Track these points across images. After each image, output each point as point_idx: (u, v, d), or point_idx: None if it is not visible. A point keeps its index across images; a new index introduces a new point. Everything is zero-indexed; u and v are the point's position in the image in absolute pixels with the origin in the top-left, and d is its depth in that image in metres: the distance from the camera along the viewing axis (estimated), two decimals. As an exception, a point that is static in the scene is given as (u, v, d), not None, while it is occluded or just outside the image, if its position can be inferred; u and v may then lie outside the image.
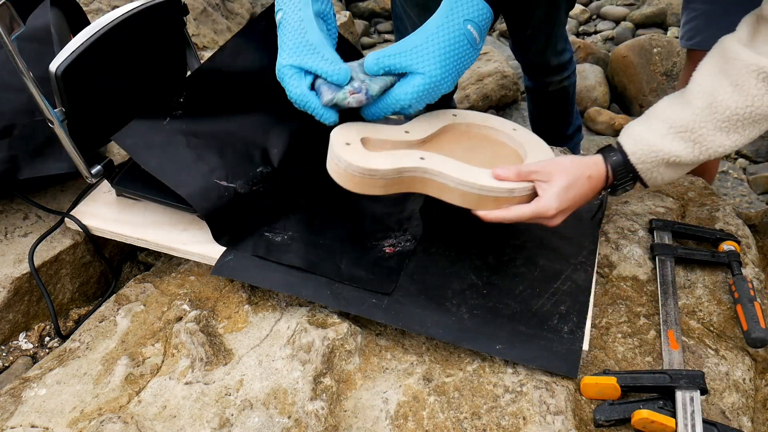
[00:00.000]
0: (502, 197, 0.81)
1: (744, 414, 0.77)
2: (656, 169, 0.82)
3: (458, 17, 0.87)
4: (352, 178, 0.81)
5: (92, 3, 2.09)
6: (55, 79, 0.80)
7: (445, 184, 0.82)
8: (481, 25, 0.88)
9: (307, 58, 0.86)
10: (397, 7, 1.47)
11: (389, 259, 0.89)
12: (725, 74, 0.77)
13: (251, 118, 0.99)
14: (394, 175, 0.82)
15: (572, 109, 1.72)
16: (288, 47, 0.88)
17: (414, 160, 0.82)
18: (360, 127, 0.88)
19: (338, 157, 0.81)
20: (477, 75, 2.45)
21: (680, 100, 0.82)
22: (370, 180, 0.81)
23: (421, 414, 0.73)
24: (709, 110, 0.78)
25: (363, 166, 0.80)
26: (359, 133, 0.86)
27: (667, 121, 0.80)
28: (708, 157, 0.80)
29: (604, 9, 3.20)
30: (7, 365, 0.88)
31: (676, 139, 0.80)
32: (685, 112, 0.80)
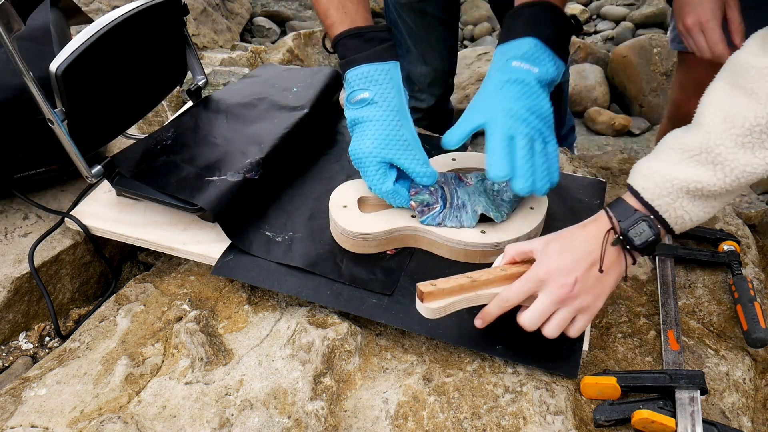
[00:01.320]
0: (488, 251, 0.86)
1: (744, 414, 0.77)
2: (678, 203, 0.69)
3: (502, 60, 0.88)
4: (347, 240, 0.88)
5: (92, 3, 2.09)
6: (55, 79, 0.80)
7: (435, 241, 0.88)
8: (528, 54, 0.86)
9: (400, 155, 0.88)
10: (391, 13, 1.47)
11: (390, 259, 0.89)
12: (738, 86, 0.67)
13: (239, 138, 1.04)
14: (386, 236, 0.88)
15: (565, 109, 1.72)
16: (379, 138, 0.87)
17: (405, 220, 0.89)
18: (359, 185, 0.93)
19: (334, 221, 0.89)
20: (477, 75, 2.45)
21: (691, 126, 0.71)
22: (363, 242, 0.88)
23: (421, 414, 0.73)
24: (723, 125, 0.66)
25: (356, 231, 0.87)
26: (357, 193, 0.92)
27: (680, 147, 0.70)
28: (737, 181, 0.67)
29: (604, 9, 3.20)
30: (7, 365, 0.88)
31: (692, 163, 0.68)
32: (698, 134, 0.69)
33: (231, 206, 0.90)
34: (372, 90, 0.89)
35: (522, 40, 0.87)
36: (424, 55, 1.48)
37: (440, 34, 1.46)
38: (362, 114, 0.89)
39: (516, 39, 0.87)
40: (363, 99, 0.89)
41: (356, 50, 0.90)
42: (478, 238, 0.86)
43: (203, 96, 1.14)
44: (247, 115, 1.09)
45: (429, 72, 1.52)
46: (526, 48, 0.87)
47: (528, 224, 0.88)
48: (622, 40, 2.86)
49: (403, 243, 0.90)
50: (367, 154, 0.87)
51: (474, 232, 0.87)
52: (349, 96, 0.90)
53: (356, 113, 0.89)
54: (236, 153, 0.98)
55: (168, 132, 1.02)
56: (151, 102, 1.05)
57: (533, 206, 0.90)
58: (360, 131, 0.89)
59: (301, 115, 1.08)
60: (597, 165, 1.19)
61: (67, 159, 0.87)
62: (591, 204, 1.00)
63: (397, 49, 1.55)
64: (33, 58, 0.82)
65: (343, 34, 0.90)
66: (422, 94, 1.58)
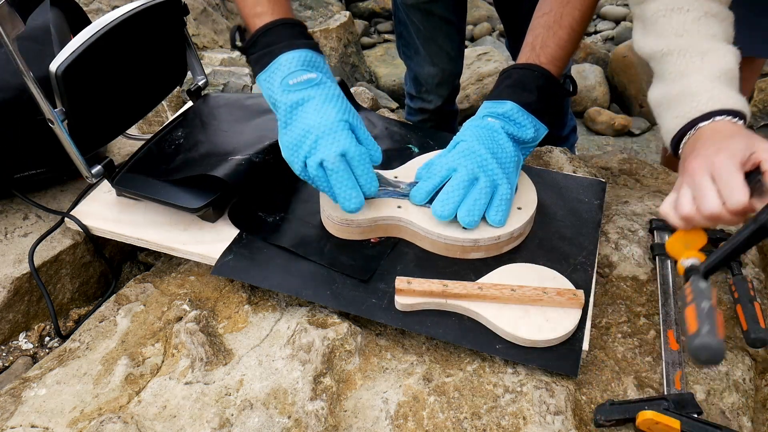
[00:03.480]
0: (468, 246, 0.87)
1: (744, 414, 0.77)
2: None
3: (480, 115, 0.93)
4: (333, 225, 0.90)
5: (92, 3, 2.09)
6: (55, 79, 0.80)
7: (417, 233, 0.89)
8: (505, 116, 0.90)
9: (359, 125, 0.87)
10: (400, 12, 1.47)
11: (372, 247, 0.90)
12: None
13: (247, 128, 1.05)
14: (370, 224, 0.89)
15: (567, 109, 1.73)
16: (341, 108, 0.85)
17: (390, 210, 0.90)
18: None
19: (321, 206, 0.91)
20: (477, 75, 2.45)
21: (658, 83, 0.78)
22: (348, 228, 0.90)
23: (421, 414, 0.73)
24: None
25: (340, 217, 0.88)
26: None
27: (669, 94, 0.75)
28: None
29: (604, 9, 3.20)
30: (7, 365, 0.88)
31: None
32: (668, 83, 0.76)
33: (246, 182, 0.92)
34: (317, 73, 0.87)
35: (503, 103, 0.91)
36: (432, 55, 1.48)
37: (447, 35, 1.46)
38: (309, 94, 0.85)
39: (498, 100, 0.92)
40: (310, 79, 0.86)
41: (293, 37, 0.88)
42: (459, 233, 0.87)
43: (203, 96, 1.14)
44: (250, 107, 1.10)
45: (437, 73, 1.52)
46: (504, 110, 0.91)
47: (512, 223, 0.88)
48: (622, 40, 2.86)
49: (387, 232, 0.91)
50: (338, 120, 0.84)
51: (456, 227, 0.87)
52: (286, 78, 0.86)
53: (300, 94, 0.85)
54: (250, 139, 1.00)
55: (178, 131, 1.04)
56: (151, 102, 1.05)
57: (521, 207, 0.91)
58: (311, 108, 0.84)
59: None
60: (597, 165, 1.19)
61: (67, 159, 0.87)
62: (591, 204, 1.00)
63: (406, 50, 1.56)
64: (33, 58, 0.82)
65: (278, 22, 0.88)
66: (429, 95, 1.58)
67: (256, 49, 0.89)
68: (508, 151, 0.89)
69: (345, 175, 0.82)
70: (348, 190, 0.83)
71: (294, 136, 0.84)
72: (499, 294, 0.80)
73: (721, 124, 0.71)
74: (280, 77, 0.86)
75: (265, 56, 0.88)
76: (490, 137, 0.89)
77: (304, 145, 0.83)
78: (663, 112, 0.77)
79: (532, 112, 0.90)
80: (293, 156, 0.85)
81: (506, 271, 0.86)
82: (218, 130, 1.05)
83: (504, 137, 0.89)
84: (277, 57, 0.86)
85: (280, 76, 0.86)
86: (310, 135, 0.83)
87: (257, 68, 0.89)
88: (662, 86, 0.78)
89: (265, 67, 0.87)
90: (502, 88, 0.93)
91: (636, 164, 1.19)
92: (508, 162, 0.89)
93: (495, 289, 0.81)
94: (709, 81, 0.73)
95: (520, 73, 0.93)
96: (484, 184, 0.86)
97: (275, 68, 0.87)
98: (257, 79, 0.89)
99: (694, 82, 0.73)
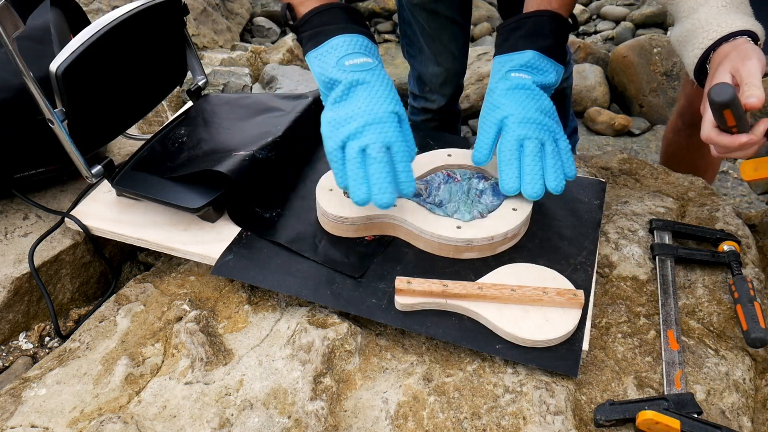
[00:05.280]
0: (461, 246, 0.87)
1: (744, 414, 0.77)
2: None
3: (502, 71, 0.93)
4: (328, 222, 0.91)
5: (92, 3, 2.09)
6: (55, 79, 0.80)
7: (411, 231, 0.90)
8: (527, 65, 0.92)
9: (405, 117, 0.86)
10: (405, 12, 1.47)
11: (366, 245, 0.90)
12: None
13: (250, 125, 1.05)
14: (364, 222, 0.90)
15: (569, 111, 1.72)
16: (392, 98, 0.85)
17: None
18: None
19: (317, 202, 0.91)
20: (477, 75, 2.45)
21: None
22: (342, 225, 0.90)
23: (421, 414, 0.73)
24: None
25: (334, 214, 0.89)
26: None
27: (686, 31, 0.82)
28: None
29: (604, 9, 3.20)
30: (7, 365, 0.88)
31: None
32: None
33: (249, 178, 0.93)
34: (373, 59, 0.87)
35: (522, 53, 0.92)
36: (437, 55, 1.48)
37: (452, 35, 1.46)
38: (365, 77, 0.85)
39: (514, 52, 0.93)
40: (366, 63, 0.86)
41: (348, 21, 0.88)
42: (453, 233, 0.87)
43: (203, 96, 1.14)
44: (252, 106, 1.10)
45: (441, 72, 1.52)
46: (525, 60, 0.92)
47: (506, 224, 0.89)
48: (622, 40, 2.86)
49: (382, 231, 0.92)
50: (390, 111, 0.83)
51: (450, 226, 0.88)
52: (343, 58, 0.85)
53: (358, 75, 0.85)
54: (252, 136, 1.01)
55: (180, 130, 1.04)
56: (151, 102, 1.05)
57: (516, 208, 0.91)
58: (365, 92, 0.84)
59: (307, 103, 1.10)
60: (597, 165, 1.19)
61: (67, 159, 0.87)
62: (591, 204, 1.00)
63: (410, 49, 1.56)
64: (33, 58, 0.82)
65: (330, 5, 0.88)
66: (433, 95, 1.58)
67: (309, 27, 0.89)
68: (548, 103, 0.91)
69: (385, 167, 0.81)
70: (385, 183, 0.81)
71: (341, 114, 0.83)
72: (499, 294, 0.80)
73: (728, 47, 0.78)
74: (336, 57, 0.86)
75: (319, 34, 0.88)
76: (530, 97, 0.90)
77: (348, 126, 0.82)
78: (682, 50, 0.84)
79: (550, 56, 0.92)
80: (333, 132, 0.83)
81: (506, 271, 0.86)
82: (220, 127, 1.05)
83: (538, 91, 0.91)
84: (333, 37, 0.86)
85: (336, 55, 0.86)
86: (359, 118, 0.82)
87: (309, 45, 0.88)
88: (678, 26, 0.84)
89: (319, 44, 0.87)
90: (516, 38, 0.94)
91: (636, 164, 1.19)
92: (553, 111, 0.91)
93: (495, 289, 0.81)
94: (715, 11, 0.80)
95: (534, 21, 0.93)
96: (550, 147, 0.88)
97: (330, 47, 0.87)
98: (307, 55, 0.89)
99: (702, 16, 0.81)
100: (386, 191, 0.80)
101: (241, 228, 0.92)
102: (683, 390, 0.77)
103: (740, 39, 0.78)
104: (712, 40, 0.79)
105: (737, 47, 0.77)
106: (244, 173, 0.92)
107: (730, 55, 0.76)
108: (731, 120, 0.73)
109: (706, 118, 0.77)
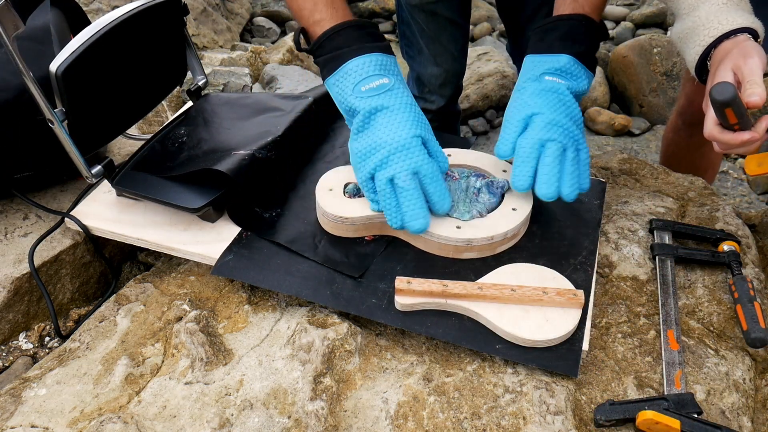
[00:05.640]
0: (461, 246, 0.87)
1: (744, 414, 0.77)
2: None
3: (536, 73, 0.92)
4: (328, 222, 0.91)
5: (92, 3, 2.09)
6: (55, 79, 0.80)
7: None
8: (563, 70, 0.90)
9: (431, 137, 0.87)
10: (403, 12, 1.46)
11: (366, 245, 0.90)
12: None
13: (250, 125, 1.05)
14: (364, 222, 0.89)
15: None
16: (415, 120, 0.86)
17: None
18: (349, 171, 0.94)
19: (317, 202, 0.91)
20: (477, 75, 2.45)
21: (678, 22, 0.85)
22: (342, 225, 0.90)
23: (421, 414, 0.73)
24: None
25: (334, 214, 0.89)
26: (346, 178, 0.94)
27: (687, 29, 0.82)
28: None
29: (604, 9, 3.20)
30: (7, 365, 0.88)
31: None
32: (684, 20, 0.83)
33: (249, 177, 0.92)
34: (390, 78, 0.87)
35: (558, 56, 0.91)
36: (436, 56, 1.48)
37: (452, 35, 1.46)
38: (383, 101, 0.85)
39: (551, 54, 0.91)
40: (382, 85, 0.86)
41: (361, 41, 0.88)
42: (452, 233, 0.87)
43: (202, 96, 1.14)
44: (252, 105, 1.10)
45: (440, 73, 1.52)
46: (561, 64, 0.90)
47: (506, 224, 0.88)
48: (622, 40, 2.86)
49: (381, 231, 0.92)
50: (412, 136, 0.84)
51: (449, 226, 0.88)
52: (359, 84, 0.86)
53: (375, 101, 0.85)
54: (252, 135, 1.01)
55: (180, 129, 1.04)
56: (151, 102, 1.05)
57: (515, 207, 0.91)
58: (384, 120, 0.85)
59: (307, 104, 1.10)
60: (597, 165, 1.19)
61: (67, 159, 0.87)
62: (591, 204, 1.00)
63: (409, 50, 1.55)
64: (33, 58, 0.82)
65: (341, 26, 0.88)
66: (432, 96, 1.58)
67: (323, 52, 0.89)
68: (578, 111, 0.90)
69: (415, 193, 0.83)
70: (417, 209, 0.83)
71: (365, 145, 0.85)
72: (499, 294, 0.80)
73: (729, 44, 0.78)
74: (352, 83, 0.86)
75: (334, 60, 0.88)
76: (562, 101, 0.89)
77: (374, 157, 0.84)
78: (683, 47, 0.84)
79: (583, 62, 0.91)
80: (361, 164, 0.86)
81: (506, 271, 0.86)
82: (220, 127, 1.05)
83: (571, 97, 0.90)
84: (347, 62, 0.87)
85: (352, 82, 0.86)
86: (382, 149, 0.83)
87: (325, 72, 0.89)
88: (679, 23, 0.84)
89: (333, 71, 0.88)
90: (552, 40, 0.92)
91: (636, 164, 1.20)
92: (580, 121, 0.90)
93: (495, 289, 0.81)
94: (716, 8, 0.80)
95: (568, 24, 0.92)
96: (571, 154, 0.87)
97: (345, 73, 0.87)
98: (326, 82, 0.90)
99: (703, 13, 0.81)
100: (418, 217, 0.83)
101: (241, 228, 0.92)
102: (683, 390, 0.77)
103: (741, 36, 0.78)
104: (713, 38, 0.79)
105: (738, 44, 0.77)
106: (244, 172, 0.92)
107: (732, 52, 0.76)
108: (733, 118, 0.73)
109: (708, 115, 0.77)
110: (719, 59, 0.78)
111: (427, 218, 0.84)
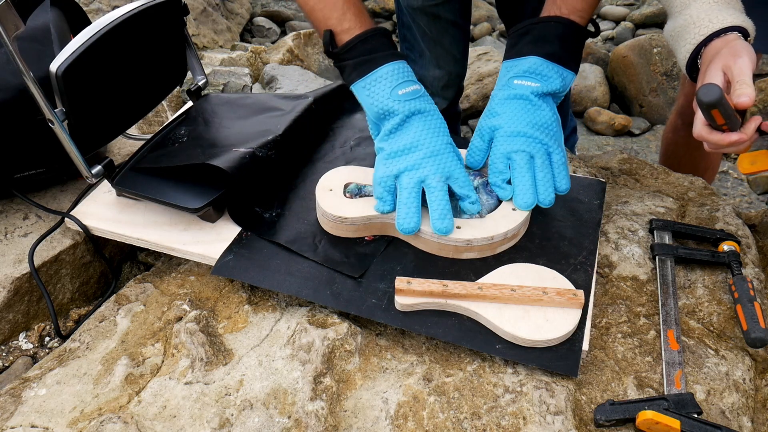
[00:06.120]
0: (461, 246, 0.87)
1: (744, 414, 0.77)
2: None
3: (505, 78, 0.94)
4: (327, 222, 0.91)
5: (92, 3, 2.09)
6: (55, 79, 0.80)
7: None
8: (530, 71, 0.92)
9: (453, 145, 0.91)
10: (404, 15, 1.46)
11: (366, 245, 0.90)
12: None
13: (251, 124, 1.05)
14: (363, 222, 0.90)
15: (568, 110, 1.72)
16: (444, 127, 0.91)
17: None
18: (349, 171, 0.95)
19: (317, 202, 0.91)
20: (477, 75, 2.45)
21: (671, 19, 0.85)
22: (341, 225, 0.90)
23: (421, 414, 0.73)
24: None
25: (334, 214, 0.89)
26: (346, 178, 0.94)
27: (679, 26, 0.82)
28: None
29: (604, 9, 3.20)
30: (7, 365, 0.88)
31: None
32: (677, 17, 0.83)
33: (248, 175, 0.93)
34: (418, 85, 0.91)
35: (525, 59, 0.92)
36: (438, 58, 1.48)
37: (453, 38, 1.46)
38: (419, 106, 0.89)
39: (520, 57, 0.93)
40: (416, 90, 0.90)
41: (392, 47, 0.91)
42: (452, 233, 0.87)
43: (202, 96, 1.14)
44: (252, 105, 1.10)
45: (443, 75, 1.52)
46: (528, 66, 0.92)
47: (506, 223, 0.89)
48: (622, 40, 2.86)
49: (381, 231, 0.92)
50: (446, 143, 0.89)
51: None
52: (396, 88, 0.88)
53: (413, 105, 0.89)
54: (253, 134, 1.01)
55: (180, 129, 1.04)
56: (151, 102, 1.05)
57: (515, 207, 0.91)
58: (420, 124, 0.88)
59: (308, 104, 1.10)
60: (597, 165, 1.19)
61: (67, 159, 0.87)
62: (591, 204, 1.00)
63: (410, 53, 1.56)
64: (33, 58, 0.82)
65: (371, 32, 0.90)
66: (435, 98, 1.58)
67: (354, 55, 0.90)
68: (547, 115, 0.91)
69: (446, 196, 0.86)
70: (445, 210, 0.86)
71: (400, 145, 0.88)
72: (499, 294, 0.80)
73: (719, 42, 0.78)
74: (390, 86, 0.88)
75: (366, 63, 0.89)
76: (525, 108, 0.90)
77: (408, 157, 0.87)
78: (675, 45, 0.84)
79: (556, 61, 0.92)
80: (390, 162, 0.88)
81: (506, 271, 0.86)
82: (221, 127, 1.05)
83: (537, 101, 0.91)
84: (382, 66, 0.89)
85: (389, 85, 0.89)
86: (418, 151, 0.87)
87: (354, 75, 0.90)
88: (671, 21, 0.84)
89: (365, 74, 0.89)
90: (523, 44, 0.94)
91: (636, 164, 1.20)
92: (549, 125, 0.91)
93: (495, 289, 0.81)
94: (707, 7, 0.80)
95: (540, 27, 0.94)
96: (540, 160, 0.89)
97: (379, 76, 0.89)
98: (353, 85, 0.91)
99: (694, 11, 0.81)
100: (445, 218, 0.85)
101: (241, 228, 0.92)
102: (683, 390, 0.77)
103: (731, 35, 0.78)
104: (703, 36, 0.79)
105: (728, 43, 0.77)
106: (243, 170, 0.92)
107: (722, 51, 0.76)
108: (720, 119, 0.73)
109: (697, 116, 0.77)
110: (709, 58, 0.78)
111: (452, 221, 0.86)
